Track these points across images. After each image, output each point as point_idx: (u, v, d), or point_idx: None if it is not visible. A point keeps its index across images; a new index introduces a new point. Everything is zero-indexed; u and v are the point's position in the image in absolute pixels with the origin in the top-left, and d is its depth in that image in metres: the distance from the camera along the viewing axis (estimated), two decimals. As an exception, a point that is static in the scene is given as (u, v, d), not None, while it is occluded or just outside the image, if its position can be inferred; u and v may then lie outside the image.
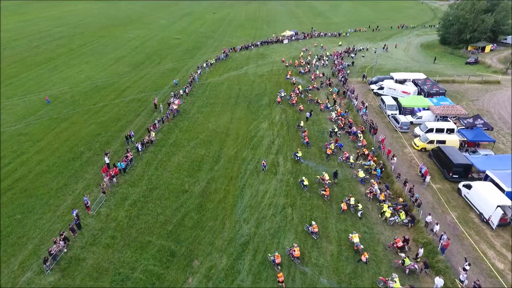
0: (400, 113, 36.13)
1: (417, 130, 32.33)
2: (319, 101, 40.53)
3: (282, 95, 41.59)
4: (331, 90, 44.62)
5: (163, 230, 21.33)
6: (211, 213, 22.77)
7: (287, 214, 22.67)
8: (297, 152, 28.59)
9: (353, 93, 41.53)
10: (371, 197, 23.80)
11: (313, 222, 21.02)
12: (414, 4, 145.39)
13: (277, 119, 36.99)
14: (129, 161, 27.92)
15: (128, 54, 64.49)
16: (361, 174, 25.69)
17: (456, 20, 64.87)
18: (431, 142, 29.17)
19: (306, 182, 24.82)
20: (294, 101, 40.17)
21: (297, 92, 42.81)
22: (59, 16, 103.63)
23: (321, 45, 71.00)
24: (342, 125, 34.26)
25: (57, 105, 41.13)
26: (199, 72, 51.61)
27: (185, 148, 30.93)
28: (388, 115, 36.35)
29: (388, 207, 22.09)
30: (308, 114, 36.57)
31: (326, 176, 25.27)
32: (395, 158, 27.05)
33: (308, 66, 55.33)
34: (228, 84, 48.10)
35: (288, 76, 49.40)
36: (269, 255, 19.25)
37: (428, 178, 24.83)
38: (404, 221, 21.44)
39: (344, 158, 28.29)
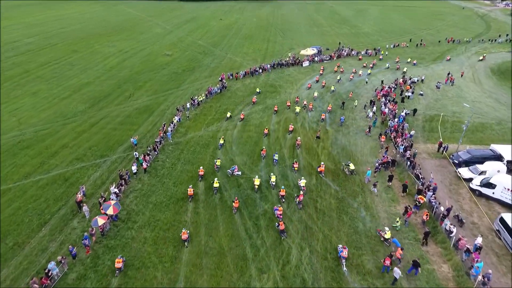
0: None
1: None
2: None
3: (279, 213, 21.66)
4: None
5: None
6: None
7: None
8: None
9: (433, 194, 21.24)
10: None
11: None
12: (455, 9, 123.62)
13: (294, 263, 19.00)
14: None
15: (95, 80, 48.33)
16: None
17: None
18: None
19: None
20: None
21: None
22: (44, 21, 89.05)
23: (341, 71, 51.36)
24: None
25: None
26: (177, 120, 34.44)
27: None
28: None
29: None
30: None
31: None
32: None
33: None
34: (216, 148, 30.61)
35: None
36: None
37: None
38: None
39: None
